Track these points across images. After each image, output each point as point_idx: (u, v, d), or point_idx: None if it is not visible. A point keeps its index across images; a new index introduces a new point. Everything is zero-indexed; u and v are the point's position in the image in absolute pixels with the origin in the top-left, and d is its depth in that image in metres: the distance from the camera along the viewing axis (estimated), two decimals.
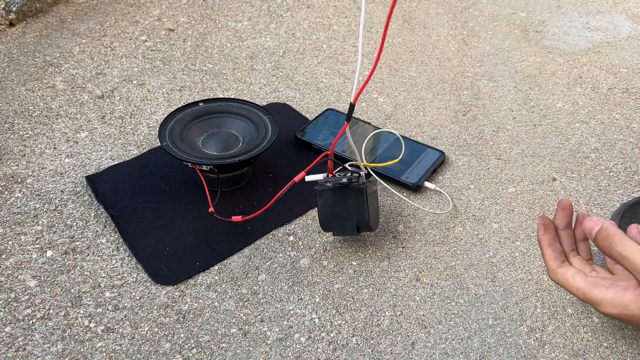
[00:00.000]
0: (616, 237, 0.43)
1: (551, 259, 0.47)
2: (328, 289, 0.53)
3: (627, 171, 0.68)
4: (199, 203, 0.61)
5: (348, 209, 0.52)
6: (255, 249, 0.57)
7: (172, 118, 0.62)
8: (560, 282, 0.46)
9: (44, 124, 0.72)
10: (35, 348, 0.47)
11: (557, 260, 0.47)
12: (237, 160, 0.57)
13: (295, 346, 0.48)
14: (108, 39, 0.90)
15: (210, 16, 0.98)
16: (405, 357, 0.47)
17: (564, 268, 0.46)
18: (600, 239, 0.44)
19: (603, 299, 0.43)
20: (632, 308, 0.41)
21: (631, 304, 0.41)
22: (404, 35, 0.96)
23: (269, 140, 0.61)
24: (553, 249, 0.48)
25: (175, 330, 0.49)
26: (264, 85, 0.81)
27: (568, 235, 0.50)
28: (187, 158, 0.57)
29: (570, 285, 0.45)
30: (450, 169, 0.67)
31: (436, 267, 0.55)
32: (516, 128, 0.75)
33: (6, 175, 0.64)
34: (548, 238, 0.48)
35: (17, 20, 0.91)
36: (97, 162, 0.66)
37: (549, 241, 0.48)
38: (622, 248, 0.42)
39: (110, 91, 0.78)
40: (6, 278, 0.52)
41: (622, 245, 0.42)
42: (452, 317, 0.51)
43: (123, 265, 0.54)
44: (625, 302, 0.42)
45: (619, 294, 0.42)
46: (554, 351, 0.48)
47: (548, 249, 0.48)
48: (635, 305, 0.41)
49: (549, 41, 0.95)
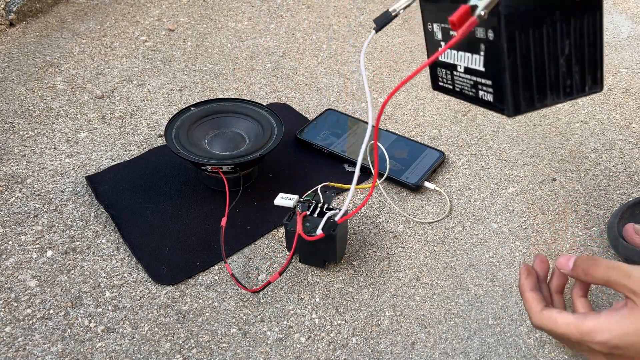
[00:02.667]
0: (594, 259, 0.42)
1: (534, 301, 0.45)
2: (328, 289, 0.53)
3: (627, 171, 0.68)
4: (199, 203, 0.61)
5: (317, 249, 0.52)
6: (255, 249, 0.57)
7: (174, 122, 0.61)
8: (546, 323, 0.43)
9: (44, 124, 0.72)
10: (35, 348, 0.47)
11: (540, 303, 0.45)
12: (259, 155, 0.58)
13: (295, 346, 0.48)
14: (108, 39, 0.90)
15: (210, 16, 0.98)
16: (405, 357, 0.47)
17: (549, 309, 0.44)
18: (580, 263, 0.43)
19: (598, 324, 0.40)
20: (629, 323, 0.39)
21: (629, 319, 0.39)
22: (404, 35, 0.96)
23: (278, 134, 0.61)
24: (536, 293, 0.46)
25: (175, 330, 0.49)
26: (264, 85, 0.81)
27: (545, 287, 0.49)
28: (208, 162, 0.57)
29: (559, 323, 0.42)
30: (450, 169, 0.67)
31: (436, 267, 0.55)
32: (516, 128, 0.75)
33: (6, 175, 0.64)
34: (530, 282, 0.47)
35: (17, 20, 0.91)
36: (97, 162, 0.66)
37: (531, 285, 0.46)
38: (604, 266, 0.41)
39: (110, 91, 0.78)
40: (6, 278, 0.52)
41: (604, 263, 0.41)
42: (452, 317, 0.51)
43: (123, 265, 0.54)
44: (622, 321, 0.39)
45: (614, 312, 0.40)
46: (554, 351, 0.48)
47: (531, 292, 0.46)
48: (632, 319, 0.39)
49: None
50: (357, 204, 0.62)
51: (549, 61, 0.39)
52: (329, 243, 0.51)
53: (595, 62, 0.41)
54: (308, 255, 0.54)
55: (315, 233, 0.49)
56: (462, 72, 0.44)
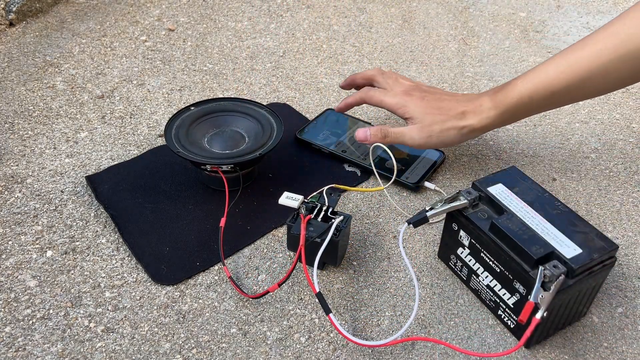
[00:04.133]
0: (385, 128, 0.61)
1: None
2: (328, 289, 0.53)
3: (627, 171, 0.68)
4: (199, 203, 0.61)
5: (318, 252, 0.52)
6: (255, 249, 0.57)
7: (174, 122, 0.61)
8: None
9: (44, 124, 0.72)
10: (35, 348, 0.47)
11: None
12: (259, 154, 0.57)
13: (295, 346, 0.48)
14: (108, 39, 0.90)
15: (210, 16, 0.98)
16: (405, 357, 0.47)
17: None
18: (375, 132, 0.61)
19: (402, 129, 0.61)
20: None
21: None
22: (404, 35, 0.96)
23: (278, 133, 0.61)
24: None
25: (175, 330, 0.49)
26: (264, 85, 0.81)
27: None
28: (207, 161, 0.57)
29: None
30: (450, 169, 0.67)
31: (436, 267, 0.55)
32: (516, 128, 0.75)
33: (6, 175, 0.64)
34: None
35: (17, 20, 0.91)
36: (97, 162, 0.66)
37: None
38: (392, 130, 0.61)
39: (110, 91, 0.78)
40: (6, 278, 0.52)
41: (391, 129, 0.61)
42: (452, 317, 0.51)
43: (123, 265, 0.54)
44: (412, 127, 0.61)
45: None
46: (554, 351, 0.48)
47: None
48: None
49: (549, 41, 0.95)
50: (362, 205, 0.62)
51: None
52: (330, 249, 0.51)
53: None
54: (307, 256, 0.54)
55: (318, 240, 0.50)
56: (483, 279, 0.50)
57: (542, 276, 0.42)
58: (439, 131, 0.60)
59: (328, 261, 0.53)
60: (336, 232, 0.50)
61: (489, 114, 0.59)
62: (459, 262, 0.52)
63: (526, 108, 0.58)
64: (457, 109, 0.60)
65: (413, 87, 0.64)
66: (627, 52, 0.53)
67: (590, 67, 0.54)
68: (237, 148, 0.61)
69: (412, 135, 0.60)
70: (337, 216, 0.51)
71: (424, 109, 0.60)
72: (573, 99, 0.58)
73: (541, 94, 0.57)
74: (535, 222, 0.46)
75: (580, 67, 0.55)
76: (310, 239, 0.50)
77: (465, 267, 0.52)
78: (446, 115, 0.60)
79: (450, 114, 0.60)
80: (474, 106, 0.60)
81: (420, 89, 0.63)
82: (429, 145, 0.61)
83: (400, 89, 0.63)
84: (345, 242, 0.54)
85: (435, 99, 0.61)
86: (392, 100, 0.62)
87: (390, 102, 0.62)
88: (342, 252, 0.54)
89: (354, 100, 0.66)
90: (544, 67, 0.57)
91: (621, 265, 0.56)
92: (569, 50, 0.56)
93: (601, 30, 0.55)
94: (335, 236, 0.50)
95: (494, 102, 0.59)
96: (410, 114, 0.61)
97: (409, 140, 0.60)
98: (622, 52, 0.53)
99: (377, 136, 0.61)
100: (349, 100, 0.67)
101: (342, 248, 0.53)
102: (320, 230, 0.50)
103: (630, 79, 0.55)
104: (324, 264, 0.54)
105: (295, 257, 0.50)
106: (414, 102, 0.61)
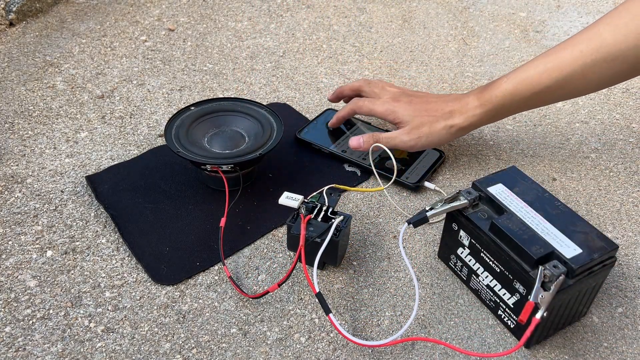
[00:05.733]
0: (376, 134, 0.63)
1: None
2: (328, 289, 0.53)
3: (627, 171, 0.68)
4: (199, 203, 0.61)
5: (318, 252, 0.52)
6: (255, 249, 0.57)
7: (174, 122, 0.61)
8: None
9: (44, 124, 0.72)
10: (35, 348, 0.47)
11: None
12: (259, 154, 0.57)
13: (295, 346, 0.48)
14: (108, 39, 0.90)
15: (210, 16, 0.98)
16: (405, 357, 0.47)
17: None
18: (367, 139, 0.63)
19: None
20: None
21: None
22: (404, 35, 0.96)
23: (278, 133, 0.61)
24: None
25: (175, 330, 0.49)
26: (264, 85, 0.81)
27: None
28: (207, 161, 0.57)
29: None
30: (450, 169, 0.67)
31: (436, 267, 0.55)
32: (516, 128, 0.75)
33: (6, 175, 0.64)
34: None
35: (17, 20, 0.91)
36: (97, 162, 0.66)
37: None
38: (383, 135, 0.63)
39: (110, 91, 0.78)
40: (6, 278, 0.52)
41: (382, 134, 0.63)
42: (452, 317, 0.51)
43: (123, 265, 0.54)
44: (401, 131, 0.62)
45: None
46: (554, 351, 0.48)
47: None
48: None
49: (549, 41, 0.95)
50: (362, 205, 0.62)
51: None
52: (330, 249, 0.51)
53: None
54: (307, 256, 0.54)
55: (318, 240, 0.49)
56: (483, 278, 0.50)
57: (542, 276, 0.42)
58: (428, 131, 0.61)
59: (328, 261, 0.53)
60: (336, 232, 0.50)
61: (475, 112, 0.61)
62: (459, 262, 0.52)
63: (510, 106, 0.60)
64: (444, 109, 0.61)
65: (400, 93, 0.65)
66: (607, 54, 0.54)
67: (571, 68, 0.56)
68: (237, 148, 0.61)
69: (403, 138, 0.62)
70: (337, 216, 0.51)
71: (412, 112, 0.62)
72: (556, 98, 0.59)
73: (524, 93, 0.58)
74: (535, 222, 0.46)
75: (560, 68, 0.56)
76: (310, 239, 0.50)
77: (465, 267, 0.52)
78: (434, 116, 0.61)
79: (438, 114, 0.61)
80: (460, 105, 0.61)
81: (407, 94, 0.65)
82: (419, 146, 0.62)
83: (387, 96, 0.65)
84: (345, 242, 0.54)
85: (423, 102, 0.63)
86: (381, 107, 0.63)
87: (379, 110, 0.63)
88: (342, 252, 0.54)
89: (346, 112, 0.68)
90: (527, 67, 0.58)
91: (621, 265, 0.56)
92: (551, 51, 0.58)
93: (583, 32, 0.56)
94: (335, 236, 0.50)
95: (480, 101, 0.60)
96: (400, 118, 0.62)
97: (400, 143, 0.62)
98: (601, 54, 0.54)
99: (370, 142, 0.63)
100: (340, 114, 0.69)
101: (342, 248, 0.53)
102: (320, 230, 0.50)
103: (611, 80, 0.57)
104: (324, 264, 0.54)
105: (295, 257, 0.50)
106: (402, 107, 0.62)
